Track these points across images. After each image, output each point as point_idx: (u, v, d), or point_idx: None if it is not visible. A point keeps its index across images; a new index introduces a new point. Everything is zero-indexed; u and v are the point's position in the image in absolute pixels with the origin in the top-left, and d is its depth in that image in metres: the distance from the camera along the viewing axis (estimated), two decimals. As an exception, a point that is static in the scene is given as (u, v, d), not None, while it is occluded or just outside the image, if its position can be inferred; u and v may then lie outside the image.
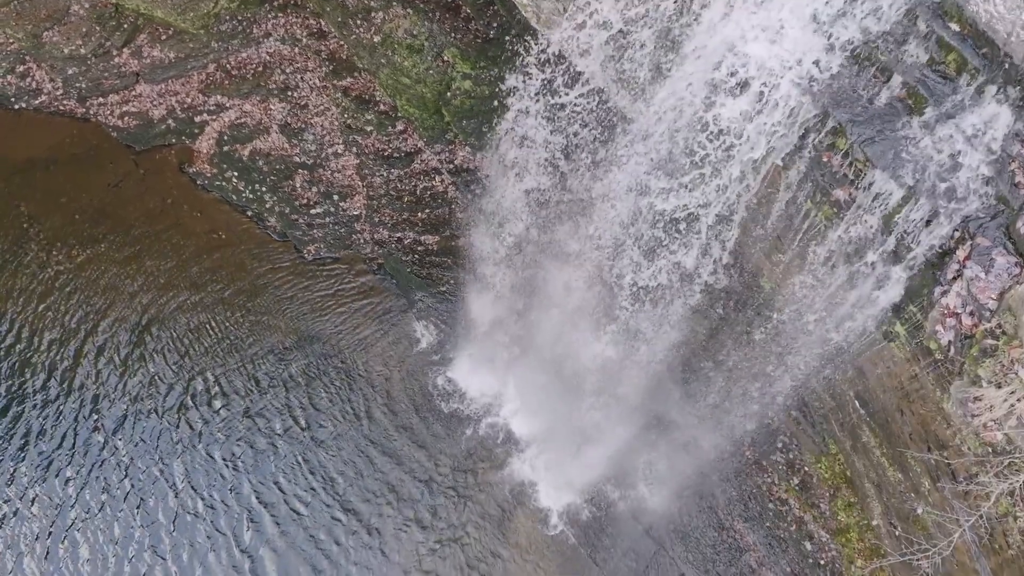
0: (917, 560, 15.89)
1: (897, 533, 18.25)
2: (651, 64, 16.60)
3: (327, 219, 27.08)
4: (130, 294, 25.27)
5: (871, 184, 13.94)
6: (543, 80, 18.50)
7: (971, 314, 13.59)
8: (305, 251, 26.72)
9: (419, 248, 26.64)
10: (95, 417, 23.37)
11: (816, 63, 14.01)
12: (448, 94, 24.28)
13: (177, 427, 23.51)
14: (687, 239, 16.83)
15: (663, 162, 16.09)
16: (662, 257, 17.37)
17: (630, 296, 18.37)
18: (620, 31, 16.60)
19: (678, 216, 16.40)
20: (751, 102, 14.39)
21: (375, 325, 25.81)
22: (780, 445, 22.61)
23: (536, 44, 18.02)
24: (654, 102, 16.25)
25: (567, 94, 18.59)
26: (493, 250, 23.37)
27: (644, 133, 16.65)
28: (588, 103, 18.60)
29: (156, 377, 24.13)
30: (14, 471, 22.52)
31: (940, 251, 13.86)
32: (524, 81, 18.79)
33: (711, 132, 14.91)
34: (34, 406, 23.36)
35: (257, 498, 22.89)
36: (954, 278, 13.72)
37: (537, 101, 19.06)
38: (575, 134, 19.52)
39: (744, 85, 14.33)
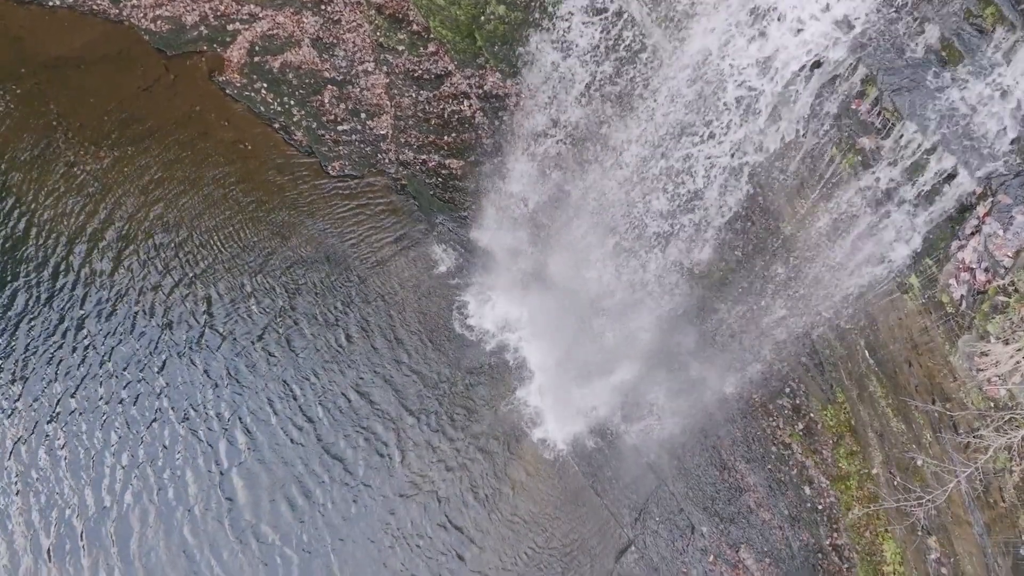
0: (911, 507, 16.16)
1: (896, 482, 18.48)
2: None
3: (353, 136, 27.11)
4: (152, 199, 25.46)
5: (898, 134, 13.92)
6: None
7: (986, 270, 13.64)
8: (330, 167, 26.79)
9: (443, 171, 26.67)
10: (94, 318, 23.66)
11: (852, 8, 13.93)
12: (482, 18, 24.11)
13: (176, 341, 23.76)
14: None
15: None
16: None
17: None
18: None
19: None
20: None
21: (394, 245, 25.93)
22: (788, 390, 22.81)
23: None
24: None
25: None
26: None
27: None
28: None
29: (164, 283, 24.33)
30: (2, 365, 22.78)
31: (961, 206, 13.88)
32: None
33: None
34: (34, 301, 23.64)
35: (252, 416, 23.02)
36: (972, 233, 13.75)
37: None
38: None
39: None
